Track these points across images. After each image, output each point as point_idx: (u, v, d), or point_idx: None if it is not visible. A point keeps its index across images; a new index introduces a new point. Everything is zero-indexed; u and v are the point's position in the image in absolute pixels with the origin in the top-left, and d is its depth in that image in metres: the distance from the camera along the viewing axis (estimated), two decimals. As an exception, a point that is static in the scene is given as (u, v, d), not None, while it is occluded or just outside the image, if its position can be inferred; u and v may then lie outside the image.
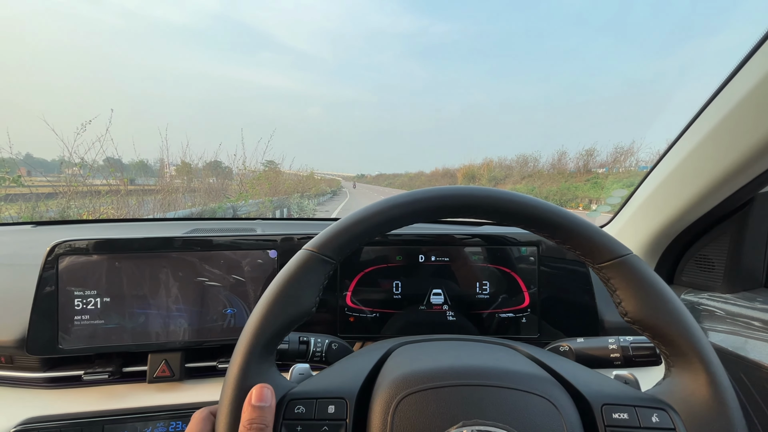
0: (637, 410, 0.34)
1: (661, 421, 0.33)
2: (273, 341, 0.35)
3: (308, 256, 0.36)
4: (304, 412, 0.34)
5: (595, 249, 0.37)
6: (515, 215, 0.38)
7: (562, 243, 0.38)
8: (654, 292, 0.35)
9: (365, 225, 0.37)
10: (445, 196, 0.38)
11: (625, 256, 0.36)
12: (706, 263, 0.75)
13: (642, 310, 0.35)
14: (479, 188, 0.39)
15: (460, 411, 0.33)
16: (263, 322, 0.34)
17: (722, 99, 0.61)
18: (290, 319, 0.35)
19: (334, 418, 0.33)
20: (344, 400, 0.34)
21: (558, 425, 0.33)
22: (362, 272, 0.74)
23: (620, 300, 0.36)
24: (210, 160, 7.00)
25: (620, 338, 0.54)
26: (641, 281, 0.35)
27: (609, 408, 0.34)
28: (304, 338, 0.54)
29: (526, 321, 0.74)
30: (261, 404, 0.32)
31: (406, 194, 0.38)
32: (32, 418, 0.59)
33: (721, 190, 0.65)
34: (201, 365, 0.69)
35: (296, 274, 0.36)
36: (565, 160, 17.36)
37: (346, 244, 0.37)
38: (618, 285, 0.36)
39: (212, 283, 0.69)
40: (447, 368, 0.36)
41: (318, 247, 0.37)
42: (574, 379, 0.37)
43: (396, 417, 0.33)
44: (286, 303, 0.35)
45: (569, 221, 0.37)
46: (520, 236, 0.76)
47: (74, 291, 0.64)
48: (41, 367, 0.66)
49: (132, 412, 0.62)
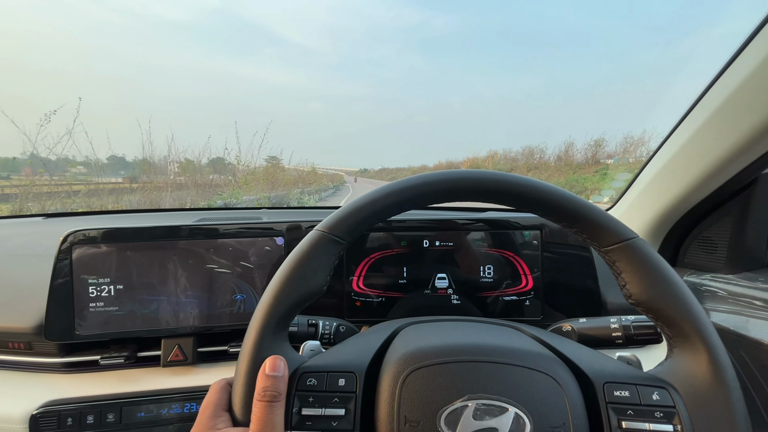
0: (638, 388, 0.35)
1: (661, 398, 0.34)
2: (286, 317, 0.37)
3: (320, 237, 0.37)
4: (315, 384, 0.35)
5: (602, 232, 0.37)
6: (523, 199, 0.39)
7: (569, 226, 0.39)
8: (659, 275, 0.35)
9: (376, 206, 0.38)
10: (455, 179, 0.39)
11: (631, 240, 0.36)
12: (709, 245, 0.75)
13: (646, 293, 0.36)
14: (488, 172, 0.39)
15: (465, 385, 0.34)
16: (276, 299, 0.36)
17: (725, 81, 0.61)
18: (302, 297, 0.37)
19: (344, 391, 0.35)
20: (354, 374, 0.36)
21: (560, 401, 0.34)
22: (368, 258, 0.76)
23: (625, 283, 0.37)
24: (213, 157, 6.94)
25: (622, 318, 0.55)
26: (647, 264, 0.36)
27: (611, 386, 0.35)
28: (312, 321, 0.55)
29: (529, 304, 0.76)
30: (275, 374, 0.33)
31: (416, 177, 0.39)
32: (53, 400, 0.62)
33: (723, 171, 0.65)
34: (213, 349, 0.71)
35: (308, 254, 0.37)
36: (573, 152, 16.76)
37: (357, 225, 0.38)
38: (623, 268, 0.37)
39: (221, 270, 0.70)
40: (453, 345, 0.37)
41: (329, 228, 0.38)
42: (577, 358, 0.38)
43: (404, 390, 0.34)
44: (298, 281, 0.36)
45: (576, 205, 0.38)
46: (524, 220, 0.77)
47: (88, 279, 0.66)
48: (59, 352, 0.68)
49: (147, 394, 0.64)
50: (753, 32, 0.55)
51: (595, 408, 0.35)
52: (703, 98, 0.66)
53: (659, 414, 0.33)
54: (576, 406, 0.34)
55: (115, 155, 4.52)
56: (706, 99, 0.65)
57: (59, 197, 3.80)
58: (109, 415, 0.62)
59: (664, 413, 0.33)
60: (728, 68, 0.60)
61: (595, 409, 0.35)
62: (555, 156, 17.67)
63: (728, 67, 0.60)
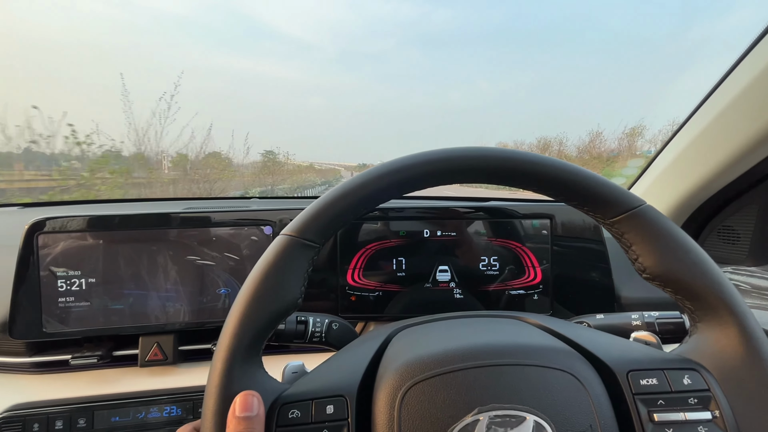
0: (666, 373, 0.31)
1: (693, 382, 0.30)
2: (257, 341, 0.31)
3: (288, 242, 0.32)
4: (299, 416, 0.30)
5: (605, 203, 0.33)
6: (513, 174, 0.34)
7: (567, 200, 0.34)
8: (674, 243, 0.31)
9: (348, 201, 0.33)
10: (434, 160, 0.33)
11: (638, 207, 0.32)
12: (731, 234, 0.70)
13: (662, 264, 0.31)
14: (472, 148, 0.34)
15: (474, 396, 0.29)
16: (244, 321, 0.30)
17: (751, 60, 0.56)
18: (274, 315, 0.31)
19: (334, 419, 0.30)
20: (343, 397, 0.31)
21: (584, 400, 0.29)
22: (363, 249, 0.70)
23: (637, 256, 0.33)
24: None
25: (645, 314, 0.50)
26: (659, 232, 0.32)
27: (635, 374, 0.31)
28: (302, 318, 0.50)
29: (537, 298, 0.71)
30: (246, 414, 0.28)
31: (392, 162, 0.34)
32: (18, 404, 0.56)
33: (749, 156, 0.60)
34: (195, 348, 0.65)
35: (276, 264, 0.32)
36: (600, 142, 15.47)
37: (329, 225, 0.33)
38: (633, 239, 0.32)
39: (205, 262, 0.65)
40: (454, 350, 0.32)
41: (297, 231, 0.32)
42: (593, 346, 0.33)
43: (403, 410, 0.29)
44: (268, 297, 0.31)
45: (573, 174, 0.33)
46: (532, 209, 0.72)
47: (57, 272, 0.60)
48: (27, 351, 0.63)
49: (124, 396, 0.59)
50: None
51: (622, 401, 0.30)
52: (728, 77, 0.60)
53: (693, 400, 0.29)
54: (601, 404, 0.29)
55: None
56: (732, 78, 0.60)
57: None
58: (80, 420, 0.56)
59: (698, 399, 0.30)
60: (757, 45, 0.55)
61: (621, 402, 0.30)
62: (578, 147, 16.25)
63: (757, 44, 0.55)
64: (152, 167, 4.95)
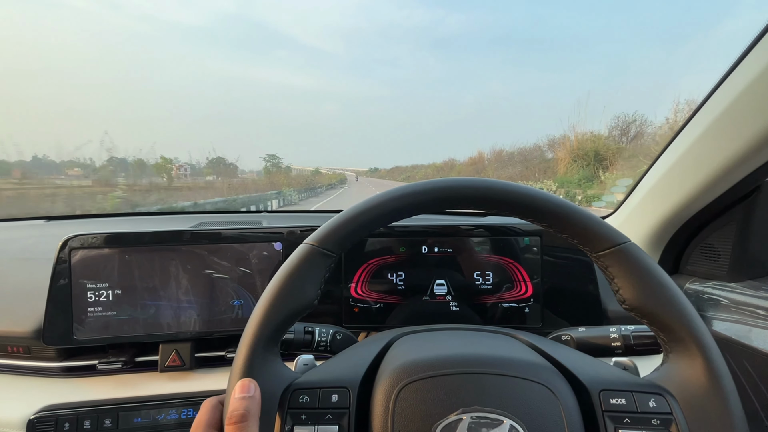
0: (635, 395, 0.34)
1: (658, 405, 0.34)
2: (276, 334, 0.36)
3: (309, 250, 0.37)
4: (308, 401, 0.35)
5: (594, 237, 0.37)
6: (513, 206, 0.38)
7: (560, 232, 0.38)
8: (652, 280, 0.35)
9: (364, 218, 0.38)
10: (442, 188, 0.38)
11: (623, 245, 0.36)
12: (711, 252, 0.74)
13: (640, 298, 0.35)
14: (478, 180, 0.39)
15: (459, 398, 0.34)
16: (266, 316, 0.35)
17: (727, 87, 0.60)
18: (292, 312, 0.36)
19: (337, 407, 0.34)
20: (347, 389, 0.35)
21: (556, 411, 0.33)
22: (366, 263, 0.75)
23: (618, 288, 0.36)
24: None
25: (621, 327, 0.54)
26: (639, 269, 0.35)
27: (607, 393, 0.35)
28: (309, 328, 0.55)
29: (529, 311, 0.75)
30: (243, 395, 0.33)
31: (404, 187, 0.39)
32: (50, 405, 0.62)
33: (726, 178, 0.64)
34: (210, 355, 0.71)
35: (298, 268, 0.36)
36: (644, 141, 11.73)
37: (347, 238, 0.38)
38: (616, 273, 0.36)
39: (220, 275, 0.70)
40: (446, 357, 0.37)
41: (318, 241, 0.37)
42: (572, 365, 0.38)
43: (397, 405, 0.34)
44: (288, 296, 0.36)
45: (566, 211, 0.37)
46: (524, 226, 0.76)
47: (87, 283, 0.66)
48: (57, 357, 0.68)
49: (145, 399, 0.64)
50: (757, 37, 0.54)
51: (592, 416, 0.34)
52: (705, 104, 0.65)
53: (656, 421, 0.33)
54: (572, 416, 0.34)
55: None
56: (708, 104, 0.64)
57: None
58: (106, 421, 0.62)
59: (661, 420, 0.33)
60: (731, 73, 0.60)
61: (591, 418, 0.34)
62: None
63: (731, 73, 0.60)
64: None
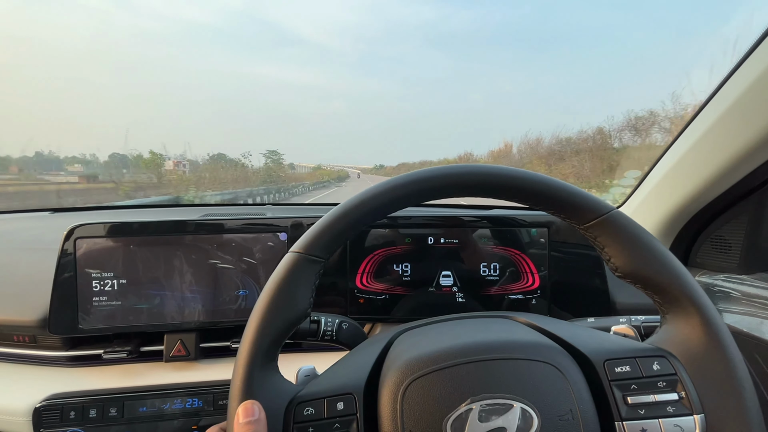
0: (638, 361, 0.35)
1: (662, 368, 0.34)
2: (273, 348, 0.35)
3: (296, 259, 0.36)
4: (313, 413, 0.34)
5: (579, 210, 0.37)
6: (496, 188, 0.38)
7: (546, 209, 0.38)
8: (641, 244, 0.35)
9: (348, 219, 0.37)
10: (424, 179, 0.38)
11: (609, 213, 0.36)
12: (722, 244, 0.73)
13: (631, 263, 0.36)
14: (459, 166, 0.39)
15: (466, 388, 0.33)
16: (260, 331, 0.34)
17: (738, 78, 0.60)
18: (287, 324, 0.35)
19: (344, 415, 0.34)
20: (352, 395, 0.35)
21: (564, 387, 0.33)
22: (372, 254, 0.75)
23: (609, 257, 0.37)
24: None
25: (632, 317, 0.54)
26: (627, 235, 0.36)
27: (611, 363, 0.35)
28: (315, 317, 0.55)
29: (535, 303, 0.74)
30: (248, 420, 0.32)
31: (384, 183, 0.38)
32: (56, 393, 0.62)
33: (737, 169, 0.63)
34: (215, 345, 0.71)
35: (286, 278, 0.36)
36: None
37: (333, 241, 0.37)
38: (605, 242, 0.37)
39: (224, 265, 0.70)
40: (449, 348, 0.36)
41: (304, 248, 0.37)
42: (574, 339, 0.37)
43: (405, 403, 0.33)
44: (280, 308, 0.35)
45: (549, 186, 0.37)
46: (531, 218, 0.76)
47: (92, 273, 0.66)
48: (63, 346, 0.68)
49: (150, 389, 0.64)
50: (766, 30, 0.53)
51: (599, 387, 0.34)
52: (717, 93, 0.64)
53: (662, 383, 0.33)
54: (580, 391, 0.33)
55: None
56: (720, 94, 0.63)
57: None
58: (112, 410, 0.62)
59: (667, 382, 0.33)
60: (744, 63, 0.58)
61: (599, 389, 0.34)
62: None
63: (744, 62, 0.58)
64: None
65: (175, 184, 6.07)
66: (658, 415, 0.32)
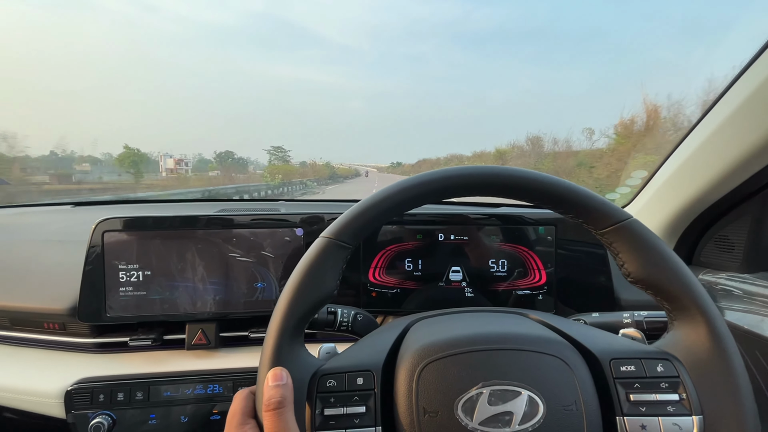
0: (643, 362, 0.37)
1: (666, 370, 0.36)
2: (300, 324, 0.38)
3: (326, 243, 0.39)
4: (335, 385, 0.36)
5: (597, 216, 0.39)
6: (518, 189, 0.40)
7: (565, 212, 0.40)
8: (655, 252, 0.37)
9: (376, 210, 0.40)
10: (449, 176, 0.40)
11: (625, 221, 0.38)
12: (725, 244, 0.75)
13: (644, 269, 0.37)
14: (482, 167, 0.41)
15: (478, 373, 0.35)
16: (290, 307, 0.37)
17: (744, 80, 0.61)
18: (314, 303, 0.38)
19: (363, 389, 0.36)
20: (371, 372, 0.37)
21: (570, 381, 0.35)
22: (384, 250, 0.77)
23: (623, 262, 0.38)
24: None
25: (635, 313, 0.56)
26: (642, 243, 0.37)
27: (617, 362, 0.37)
28: (332, 309, 0.57)
29: (542, 298, 0.77)
30: (277, 383, 0.34)
31: (413, 178, 0.40)
32: (86, 378, 0.65)
33: (742, 170, 0.65)
34: (234, 335, 0.74)
35: (316, 261, 0.38)
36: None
37: (361, 229, 0.40)
38: (620, 248, 0.38)
39: (243, 258, 0.73)
40: (464, 336, 0.39)
41: (334, 234, 0.39)
42: (583, 338, 0.40)
43: (420, 383, 0.36)
44: (309, 288, 0.38)
45: (570, 191, 0.39)
46: (538, 216, 0.78)
47: (118, 265, 0.69)
48: (91, 333, 0.72)
49: (173, 375, 0.67)
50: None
51: (604, 384, 0.36)
52: (723, 96, 0.65)
53: (665, 384, 0.35)
54: (585, 384, 0.36)
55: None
56: (726, 97, 0.65)
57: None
58: (138, 393, 0.65)
59: (669, 383, 0.35)
60: (749, 67, 0.60)
61: (604, 385, 0.36)
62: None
63: (749, 66, 0.60)
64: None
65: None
66: (659, 414, 0.34)
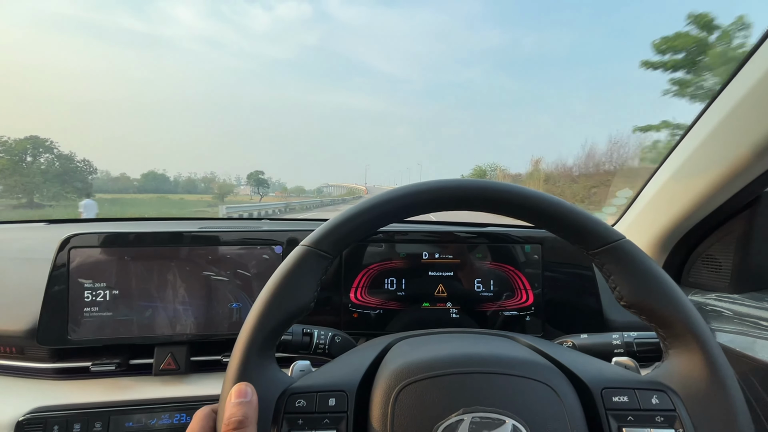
0: (637, 393, 0.34)
1: (661, 402, 0.33)
2: (272, 337, 0.35)
3: (305, 252, 0.37)
4: (304, 406, 0.34)
5: (588, 235, 0.37)
6: (507, 206, 0.38)
7: (555, 231, 0.38)
8: (648, 276, 0.35)
9: (360, 220, 0.38)
10: (437, 188, 0.38)
11: (617, 241, 0.36)
12: (713, 263, 0.74)
13: (637, 294, 0.35)
14: (471, 180, 0.39)
15: (459, 398, 0.33)
16: (261, 318, 0.35)
17: (725, 96, 0.61)
18: (288, 315, 0.35)
19: (334, 411, 0.34)
20: (344, 393, 0.35)
21: (558, 410, 0.33)
22: (366, 269, 0.75)
23: (615, 285, 0.36)
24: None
25: (624, 334, 0.54)
26: (635, 265, 0.35)
27: (609, 392, 0.34)
28: (307, 330, 0.54)
29: (530, 320, 0.74)
30: (240, 400, 0.32)
31: (399, 189, 0.39)
32: (40, 407, 0.60)
33: (726, 188, 0.65)
34: (206, 359, 0.69)
35: (293, 270, 0.36)
36: None
37: (342, 240, 0.38)
38: (612, 270, 0.36)
39: (218, 278, 0.70)
40: (445, 357, 0.36)
41: (314, 243, 0.37)
42: (573, 365, 0.37)
43: (396, 407, 0.33)
44: (283, 298, 0.35)
45: (561, 209, 0.37)
46: (524, 234, 0.76)
47: (84, 283, 0.66)
48: (50, 357, 0.67)
49: (138, 403, 0.63)
50: (755, 46, 0.55)
51: (595, 415, 0.34)
52: (704, 114, 0.66)
53: (660, 418, 0.33)
54: (575, 415, 0.33)
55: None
56: (707, 115, 0.65)
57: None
58: (97, 424, 0.60)
59: (664, 417, 0.33)
60: (729, 84, 0.61)
61: (594, 417, 0.34)
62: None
63: (729, 83, 0.61)
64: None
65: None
66: None
